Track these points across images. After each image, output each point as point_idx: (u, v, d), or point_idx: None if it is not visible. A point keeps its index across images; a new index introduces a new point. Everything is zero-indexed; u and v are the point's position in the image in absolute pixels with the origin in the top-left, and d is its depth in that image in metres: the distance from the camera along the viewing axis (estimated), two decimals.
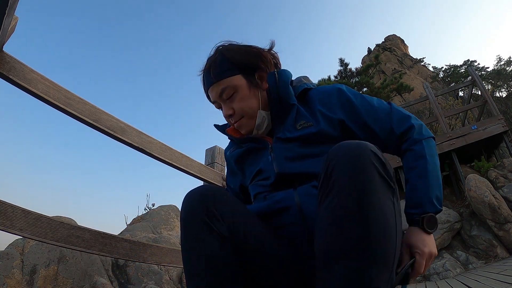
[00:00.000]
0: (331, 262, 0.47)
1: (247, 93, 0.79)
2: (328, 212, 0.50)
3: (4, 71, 0.92)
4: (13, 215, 0.88)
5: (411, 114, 0.77)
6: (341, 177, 0.50)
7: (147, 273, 4.29)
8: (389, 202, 0.51)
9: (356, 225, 0.47)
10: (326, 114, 0.76)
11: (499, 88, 18.68)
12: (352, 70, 10.41)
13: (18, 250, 3.68)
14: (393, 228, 0.50)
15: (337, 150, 0.54)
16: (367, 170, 0.49)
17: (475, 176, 4.43)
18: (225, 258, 0.59)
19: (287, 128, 0.79)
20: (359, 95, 0.79)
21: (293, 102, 0.79)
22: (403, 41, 31.95)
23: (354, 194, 0.48)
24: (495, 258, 3.97)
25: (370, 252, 0.46)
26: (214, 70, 0.79)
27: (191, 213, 0.60)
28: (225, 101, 0.80)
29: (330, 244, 0.48)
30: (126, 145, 1.27)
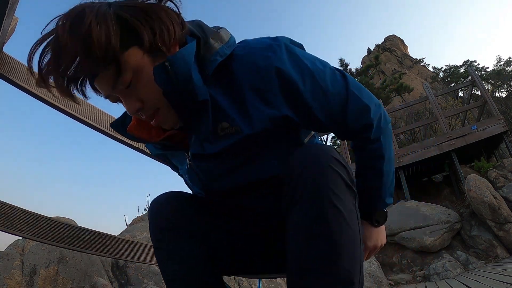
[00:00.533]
0: (303, 269, 0.47)
1: (148, 76, 0.51)
2: (296, 222, 0.49)
3: (4, 71, 0.92)
4: (13, 216, 0.88)
5: (371, 102, 0.60)
6: (307, 187, 0.48)
7: (147, 273, 4.29)
8: (352, 207, 0.50)
9: (325, 232, 0.46)
10: (261, 108, 0.54)
11: (499, 88, 18.68)
12: (352, 71, 10.42)
13: (18, 251, 3.68)
14: (357, 232, 0.49)
15: (299, 159, 0.50)
16: (331, 178, 0.48)
17: (475, 176, 4.43)
18: (197, 253, 0.62)
19: (204, 137, 0.58)
20: (308, 74, 0.55)
21: (203, 98, 0.53)
22: (403, 41, 31.99)
23: (320, 203, 0.47)
24: (495, 258, 3.97)
25: (338, 261, 0.45)
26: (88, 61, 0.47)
27: (159, 220, 0.63)
28: (124, 92, 0.52)
29: (300, 253, 0.48)
30: (126, 146, 1.27)
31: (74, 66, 0.46)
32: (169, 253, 0.62)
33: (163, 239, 0.63)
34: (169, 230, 0.62)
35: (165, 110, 0.54)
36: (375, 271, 3.74)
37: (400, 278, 4.18)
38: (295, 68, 0.54)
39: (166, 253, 0.62)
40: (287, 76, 0.53)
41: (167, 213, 0.63)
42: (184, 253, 0.62)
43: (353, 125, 0.60)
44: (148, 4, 0.50)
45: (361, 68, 10.65)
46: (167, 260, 0.63)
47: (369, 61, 15.41)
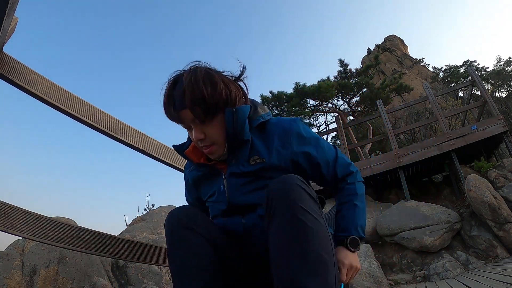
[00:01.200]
0: (286, 261, 0.60)
1: (219, 121, 0.80)
2: (275, 231, 0.64)
3: (4, 72, 0.93)
4: (13, 216, 0.88)
5: (350, 162, 0.91)
6: (279, 202, 0.64)
7: (147, 273, 4.29)
8: (317, 210, 0.66)
9: (299, 230, 0.61)
10: (280, 150, 0.82)
11: (499, 88, 18.66)
12: (352, 71, 10.41)
13: (18, 251, 3.68)
14: (324, 225, 0.65)
15: (274, 183, 0.68)
16: (297, 191, 0.64)
17: (475, 176, 4.43)
18: (208, 256, 0.71)
19: (241, 162, 0.83)
20: (313, 137, 0.87)
21: (247, 138, 0.82)
22: (403, 41, 31.97)
23: (291, 209, 0.62)
24: (495, 258, 3.97)
25: (312, 247, 0.60)
26: (188, 105, 0.76)
27: (177, 221, 0.73)
28: (197, 126, 0.79)
29: (278, 252, 0.62)
30: (126, 146, 1.27)
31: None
32: (183, 248, 0.72)
33: (179, 233, 0.73)
34: (187, 228, 0.73)
35: (219, 145, 0.82)
36: (375, 271, 3.74)
37: (400, 278, 4.18)
38: (306, 131, 0.87)
39: (180, 246, 0.72)
40: (300, 133, 0.85)
41: (187, 215, 0.75)
42: (199, 250, 0.72)
43: (340, 173, 0.88)
44: (229, 79, 0.83)
45: (361, 68, 10.62)
46: (180, 251, 0.72)
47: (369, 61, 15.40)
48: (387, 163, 6.25)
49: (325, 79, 10.05)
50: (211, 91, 0.76)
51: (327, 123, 13.15)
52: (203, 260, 0.70)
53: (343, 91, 9.58)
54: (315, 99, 9.41)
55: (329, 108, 10.16)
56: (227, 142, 0.82)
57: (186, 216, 0.74)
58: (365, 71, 10.37)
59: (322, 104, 9.86)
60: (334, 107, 10.14)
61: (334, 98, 9.63)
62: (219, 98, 0.77)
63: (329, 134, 11.95)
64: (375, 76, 14.73)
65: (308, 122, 11.80)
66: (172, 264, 0.71)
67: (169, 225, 0.74)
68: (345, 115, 10.15)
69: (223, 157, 0.85)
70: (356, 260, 0.79)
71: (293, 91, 9.18)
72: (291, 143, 0.82)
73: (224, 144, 0.82)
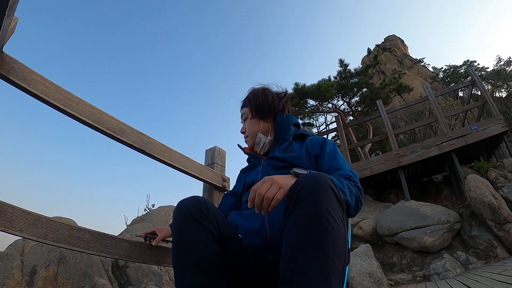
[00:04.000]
0: (297, 255, 0.59)
1: (254, 120, 1.18)
2: (295, 221, 0.63)
3: (4, 72, 0.92)
4: (13, 216, 0.88)
5: (351, 169, 0.98)
6: (308, 194, 0.63)
7: (147, 273, 4.29)
8: (340, 217, 0.65)
9: (318, 230, 0.60)
10: (308, 149, 1.06)
11: (499, 88, 18.65)
12: (352, 71, 10.39)
13: (18, 251, 3.68)
14: (341, 231, 0.63)
15: (306, 176, 0.68)
16: (327, 190, 0.64)
17: (475, 176, 4.43)
18: (214, 252, 0.71)
19: (279, 151, 1.08)
20: (333, 151, 1.03)
21: (288, 138, 1.12)
22: (402, 41, 31.97)
23: (317, 207, 0.61)
24: (495, 258, 3.97)
25: (326, 246, 0.59)
26: (246, 102, 1.21)
27: (186, 215, 0.72)
28: (244, 121, 1.22)
29: (296, 244, 0.61)
30: (126, 146, 1.27)
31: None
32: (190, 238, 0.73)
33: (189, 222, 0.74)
34: (195, 220, 0.73)
35: (250, 137, 1.18)
36: (375, 271, 3.74)
37: (400, 278, 4.17)
38: (330, 146, 1.05)
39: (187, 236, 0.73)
40: (325, 144, 1.06)
41: (198, 207, 0.76)
42: (205, 241, 0.73)
43: (338, 172, 0.94)
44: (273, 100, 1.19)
45: (360, 68, 10.61)
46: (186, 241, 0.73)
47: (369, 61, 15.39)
48: (387, 163, 6.25)
49: (325, 79, 10.04)
50: (263, 99, 1.17)
51: (327, 123, 13.15)
52: (207, 256, 0.69)
53: (343, 91, 9.58)
54: (315, 99, 9.40)
55: (329, 108, 10.16)
56: (274, 137, 1.14)
57: (196, 208, 0.73)
58: (365, 71, 10.36)
59: (322, 104, 9.85)
60: (334, 107, 10.14)
61: (334, 98, 9.62)
62: (265, 104, 1.17)
63: (329, 134, 11.95)
64: (375, 76, 14.74)
65: (308, 122, 11.79)
66: (176, 256, 0.71)
67: (178, 215, 0.74)
68: (345, 115, 10.14)
69: (263, 149, 1.15)
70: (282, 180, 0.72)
71: (293, 91, 9.17)
72: (317, 147, 1.05)
73: (254, 138, 1.16)
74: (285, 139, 1.12)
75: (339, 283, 0.59)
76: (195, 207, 0.73)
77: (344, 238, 0.63)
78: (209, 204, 0.76)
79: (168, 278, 4.40)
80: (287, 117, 1.16)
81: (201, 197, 0.80)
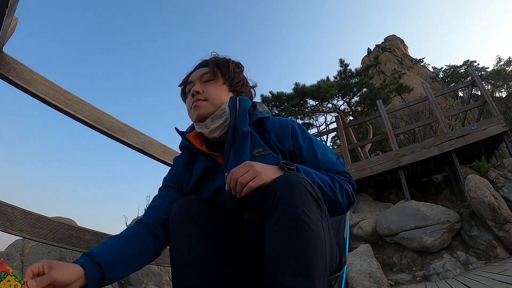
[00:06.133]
0: (279, 259, 0.59)
1: (223, 88, 0.90)
2: (273, 223, 0.62)
3: (4, 72, 0.93)
4: (13, 216, 0.88)
5: (336, 158, 0.88)
6: (284, 197, 0.62)
7: (147, 273, 4.29)
8: (318, 215, 0.64)
9: (296, 231, 0.59)
10: (278, 146, 0.85)
11: (499, 88, 18.65)
12: (352, 71, 10.40)
13: (18, 251, 3.68)
14: (321, 231, 0.63)
15: (279, 179, 0.66)
16: (302, 192, 0.63)
17: (475, 176, 4.43)
18: (211, 252, 0.71)
19: (243, 153, 0.82)
20: (307, 138, 0.87)
21: (246, 130, 0.84)
22: (402, 41, 31.99)
23: (293, 209, 0.61)
24: (495, 258, 3.97)
25: (306, 248, 0.58)
26: (210, 61, 0.92)
27: (183, 215, 0.73)
28: (201, 83, 0.89)
29: (277, 248, 0.60)
30: (126, 146, 1.27)
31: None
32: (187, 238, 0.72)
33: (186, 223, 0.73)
34: (190, 219, 0.73)
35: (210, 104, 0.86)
36: (375, 271, 3.74)
37: (400, 278, 4.18)
38: (301, 132, 0.89)
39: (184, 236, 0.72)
40: (295, 133, 0.87)
41: (192, 207, 0.75)
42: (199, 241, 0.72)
43: (324, 166, 0.84)
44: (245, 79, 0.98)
45: (361, 68, 10.60)
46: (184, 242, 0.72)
47: (369, 61, 15.40)
48: (387, 163, 6.25)
49: (324, 79, 10.04)
50: (235, 67, 0.93)
51: (327, 123, 13.14)
52: (204, 256, 0.70)
53: (343, 91, 9.58)
54: (315, 99, 9.41)
55: (329, 108, 10.16)
56: (229, 131, 0.84)
57: (193, 209, 0.74)
58: (365, 71, 10.36)
59: (322, 104, 9.85)
60: (334, 107, 10.14)
61: (334, 98, 9.62)
62: (236, 76, 0.93)
63: (329, 134, 11.97)
64: (375, 76, 14.74)
65: (308, 122, 11.79)
66: (173, 258, 0.71)
67: (174, 217, 0.74)
68: (345, 115, 10.14)
69: (218, 131, 0.87)
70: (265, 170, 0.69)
71: (293, 91, 9.17)
72: (287, 140, 0.85)
73: (216, 106, 0.86)
74: (242, 132, 0.83)
75: (323, 283, 0.60)
76: (191, 208, 0.74)
77: (324, 237, 0.63)
78: (203, 204, 0.77)
79: (168, 278, 4.40)
80: (242, 101, 0.87)
81: (196, 197, 0.80)
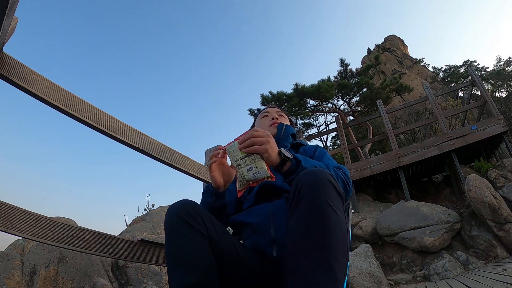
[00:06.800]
0: (301, 252, 0.63)
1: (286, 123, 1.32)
2: (298, 216, 0.66)
3: (4, 72, 0.93)
4: (13, 216, 0.88)
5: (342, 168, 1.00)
6: (308, 191, 0.67)
7: (147, 273, 4.29)
8: (341, 208, 0.69)
9: (321, 223, 0.63)
10: (305, 155, 1.10)
11: (499, 88, 18.65)
12: (352, 71, 10.39)
13: (18, 251, 3.68)
14: (343, 222, 0.67)
15: (306, 173, 0.72)
16: (327, 185, 0.68)
17: (475, 176, 4.43)
18: (204, 250, 0.73)
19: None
20: (323, 152, 1.13)
21: (287, 145, 1.21)
22: (402, 41, 31.97)
23: (319, 202, 0.65)
24: (495, 258, 3.97)
25: (330, 244, 0.62)
26: (279, 107, 1.41)
27: (175, 216, 0.76)
28: (278, 117, 1.32)
29: (299, 240, 0.64)
30: (126, 146, 1.27)
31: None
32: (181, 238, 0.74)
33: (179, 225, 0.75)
34: (184, 222, 0.75)
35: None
36: (375, 271, 3.74)
37: (400, 278, 4.18)
38: (321, 149, 1.16)
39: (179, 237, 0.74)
40: (316, 148, 1.16)
41: (186, 210, 0.77)
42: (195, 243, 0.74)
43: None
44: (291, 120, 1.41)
45: (361, 68, 10.60)
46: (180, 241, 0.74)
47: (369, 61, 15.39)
48: (387, 163, 6.25)
49: (325, 79, 10.04)
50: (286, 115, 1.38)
51: (327, 123, 13.13)
52: (197, 254, 0.71)
53: (343, 91, 9.57)
54: (315, 99, 9.41)
55: (329, 108, 10.16)
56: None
57: (184, 210, 0.76)
58: (365, 71, 10.36)
59: (322, 104, 9.85)
60: (334, 107, 10.14)
61: (334, 98, 9.61)
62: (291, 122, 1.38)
63: (329, 134, 11.96)
64: (375, 76, 14.74)
65: (308, 122, 11.79)
66: (167, 257, 0.73)
67: (167, 219, 0.77)
68: (345, 115, 10.14)
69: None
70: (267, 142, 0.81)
71: (293, 91, 9.17)
72: (309, 151, 1.14)
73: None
74: (283, 145, 1.19)
75: (343, 275, 0.63)
76: (182, 210, 0.76)
77: (346, 230, 0.68)
78: (196, 206, 0.79)
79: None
80: (287, 127, 1.26)
81: (189, 200, 0.83)
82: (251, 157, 0.80)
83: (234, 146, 0.84)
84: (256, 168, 0.79)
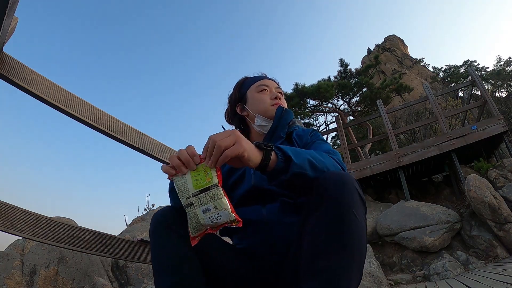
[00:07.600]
0: (323, 251, 0.61)
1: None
2: (320, 219, 0.64)
3: (4, 72, 0.93)
4: (13, 216, 0.88)
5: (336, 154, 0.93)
6: (334, 194, 0.64)
7: (147, 273, 4.29)
8: (363, 215, 0.67)
9: (342, 229, 0.62)
10: (298, 142, 1.00)
11: (499, 88, 18.66)
12: (352, 71, 10.40)
13: (18, 251, 3.68)
14: (364, 230, 0.66)
15: (332, 174, 0.68)
16: (352, 190, 0.65)
17: (475, 176, 4.43)
18: (186, 251, 0.71)
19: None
20: (319, 138, 1.02)
21: (282, 135, 1.01)
22: (403, 41, 31.99)
23: (342, 207, 0.63)
24: (495, 258, 3.97)
25: (351, 248, 0.61)
26: (277, 82, 1.14)
27: (156, 223, 0.75)
28: (279, 94, 1.09)
29: (320, 242, 0.62)
30: (126, 146, 1.27)
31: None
32: (166, 244, 0.73)
33: (163, 230, 0.74)
34: (167, 228, 0.74)
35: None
36: (375, 271, 3.74)
37: (400, 278, 4.18)
38: (315, 135, 1.01)
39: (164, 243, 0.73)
40: (312, 133, 1.02)
41: (168, 216, 0.76)
42: (177, 249, 0.72)
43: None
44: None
45: (361, 68, 10.61)
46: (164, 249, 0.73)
47: (369, 61, 15.40)
48: (387, 163, 6.25)
49: (325, 79, 10.05)
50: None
51: (327, 123, 13.15)
52: (180, 253, 0.71)
53: (343, 91, 9.58)
54: (315, 99, 9.41)
55: (329, 108, 10.16)
56: (267, 132, 1.02)
57: (166, 216, 0.76)
58: (365, 71, 10.36)
59: (322, 104, 9.86)
60: (334, 107, 10.14)
61: (334, 98, 9.62)
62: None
63: (329, 134, 11.95)
64: (375, 76, 14.74)
65: (308, 122, 11.80)
66: (153, 262, 0.74)
67: (151, 226, 0.77)
68: (345, 115, 10.14)
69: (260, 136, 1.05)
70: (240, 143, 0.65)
71: (293, 91, 9.18)
72: (305, 137, 1.01)
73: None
74: (279, 136, 1.00)
75: (357, 284, 0.63)
76: (164, 215, 0.76)
77: (365, 238, 0.66)
78: (179, 211, 0.76)
79: None
80: (286, 112, 1.02)
81: (171, 206, 0.83)
82: (209, 193, 0.60)
83: (183, 178, 0.63)
84: (216, 209, 0.59)
